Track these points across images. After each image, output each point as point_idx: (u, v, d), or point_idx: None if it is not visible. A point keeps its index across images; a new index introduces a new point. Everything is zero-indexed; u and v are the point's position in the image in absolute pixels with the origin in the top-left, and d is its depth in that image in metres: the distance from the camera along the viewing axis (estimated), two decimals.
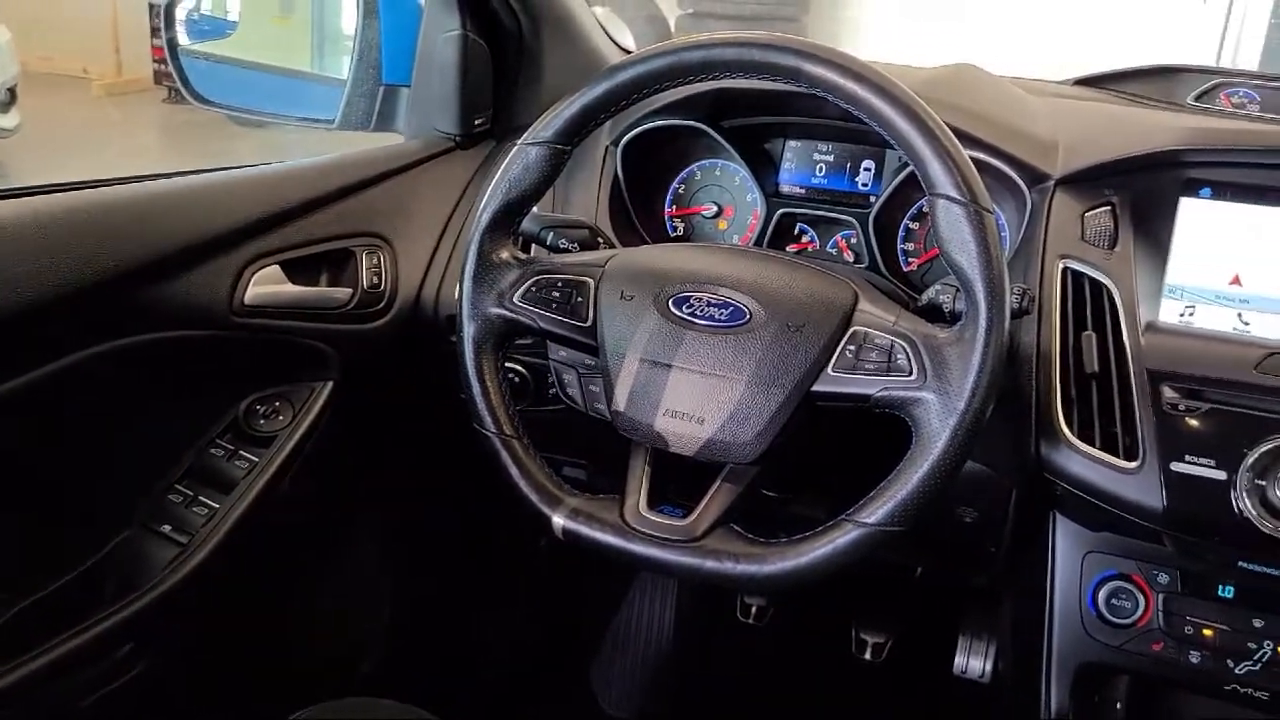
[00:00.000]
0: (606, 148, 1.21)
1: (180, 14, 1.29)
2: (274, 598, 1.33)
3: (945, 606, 1.45)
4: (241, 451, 1.14)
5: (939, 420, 0.82)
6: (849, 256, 1.20)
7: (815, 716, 1.64)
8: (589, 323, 0.94)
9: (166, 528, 1.10)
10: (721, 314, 0.90)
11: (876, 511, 0.83)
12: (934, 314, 0.91)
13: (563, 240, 1.04)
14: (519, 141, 0.94)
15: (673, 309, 0.91)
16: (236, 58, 1.39)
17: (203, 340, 1.06)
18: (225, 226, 1.06)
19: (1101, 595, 0.98)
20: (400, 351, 1.21)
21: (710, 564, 0.87)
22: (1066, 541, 1.01)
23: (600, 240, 1.07)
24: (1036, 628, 1.02)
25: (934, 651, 1.45)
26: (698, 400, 0.89)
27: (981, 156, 1.04)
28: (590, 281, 0.95)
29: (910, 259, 1.16)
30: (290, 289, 1.11)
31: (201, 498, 1.12)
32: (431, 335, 1.19)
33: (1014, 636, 1.09)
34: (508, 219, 0.96)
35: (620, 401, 0.91)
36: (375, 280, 1.17)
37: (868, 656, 1.53)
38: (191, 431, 1.14)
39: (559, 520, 0.91)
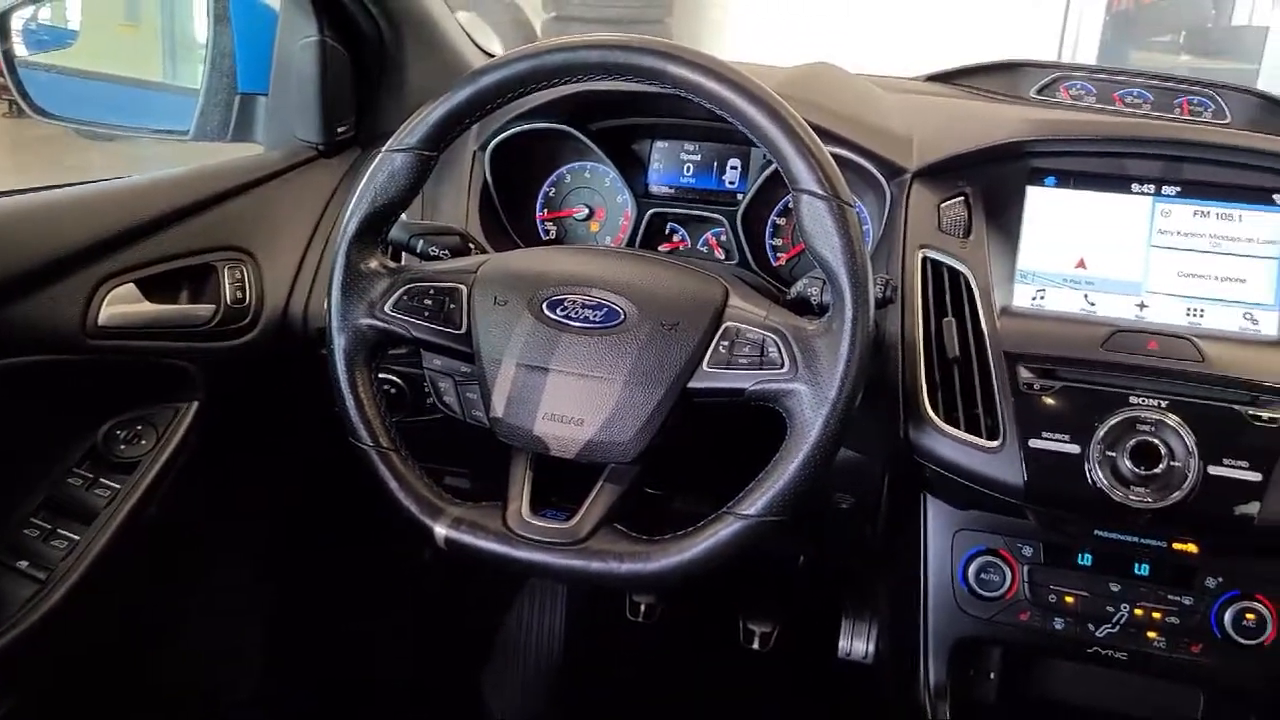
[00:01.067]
0: (474, 153, 1.20)
1: (16, 24, 1.22)
2: (142, 631, 1.27)
3: (829, 592, 1.49)
4: (102, 479, 1.09)
5: (811, 410, 0.84)
6: (720, 254, 1.21)
7: (707, 709, 1.66)
8: (463, 330, 0.93)
9: (23, 564, 1.04)
10: (596, 315, 0.91)
11: (756, 503, 0.85)
12: (803, 307, 0.94)
13: (433, 247, 1.03)
14: (383, 149, 0.93)
15: (547, 312, 0.91)
16: (81, 68, 1.33)
17: (54, 365, 1.01)
18: (74, 245, 1.01)
19: (971, 571, 1.02)
20: (269, 368, 1.18)
21: (595, 565, 0.88)
22: (937, 521, 1.04)
23: (472, 246, 1.06)
24: (913, 606, 1.06)
25: (820, 637, 1.48)
26: (576, 402, 0.89)
27: (841, 152, 1.07)
28: (463, 288, 0.94)
29: (779, 254, 1.19)
30: (148, 308, 1.07)
31: (60, 530, 1.06)
32: (301, 349, 1.16)
33: (892, 616, 1.12)
34: (375, 228, 0.94)
35: (498, 408, 0.90)
36: (239, 295, 1.13)
37: (755, 646, 1.55)
38: (47, 461, 1.08)
39: (441, 530, 0.90)
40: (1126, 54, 5.54)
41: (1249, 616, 0.96)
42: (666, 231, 1.23)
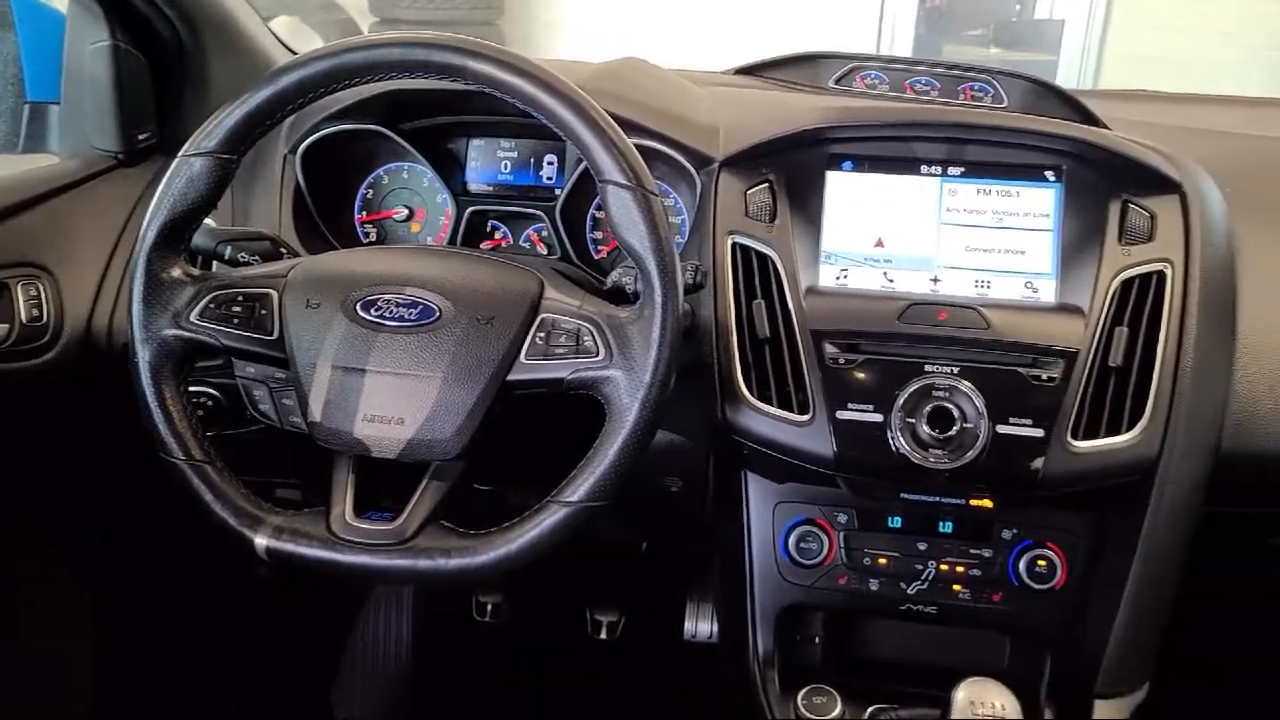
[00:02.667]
0: (285, 156, 1.18)
1: None
2: None
3: (673, 576, 1.52)
4: None
5: (628, 395, 0.87)
6: (542, 249, 1.23)
7: (558, 702, 1.67)
8: (275, 335, 0.91)
9: None
10: (411, 313, 0.91)
11: (579, 489, 0.87)
12: (619, 296, 0.96)
13: (242, 254, 1.01)
14: (180, 154, 0.90)
15: (361, 313, 0.91)
16: None
17: None
18: None
19: (792, 541, 1.07)
20: (74, 387, 1.13)
21: (423, 563, 0.88)
22: (758, 496, 1.08)
23: (283, 251, 1.04)
24: (741, 580, 1.10)
25: (666, 621, 1.52)
26: (395, 402, 0.89)
27: (650, 144, 1.10)
28: (273, 293, 0.93)
29: (599, 247, 1.21)
30: None
31: None
32: (107, 366, 1.12)
33: (724, 592, 1.16)
34: (176, 235, 0.92)
35: (316, 412, 0.90)
36: (36, 313, 1.08)
37: (603, 636, 1.58)
38: None
39: (261, 541, 0.88)
40: (940, 47, 5.80)
41: (1041, 563, 1.03)
42: (488, 229, 1.24)
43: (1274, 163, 1.21)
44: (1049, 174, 1.06)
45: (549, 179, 1.22)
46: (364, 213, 1.25)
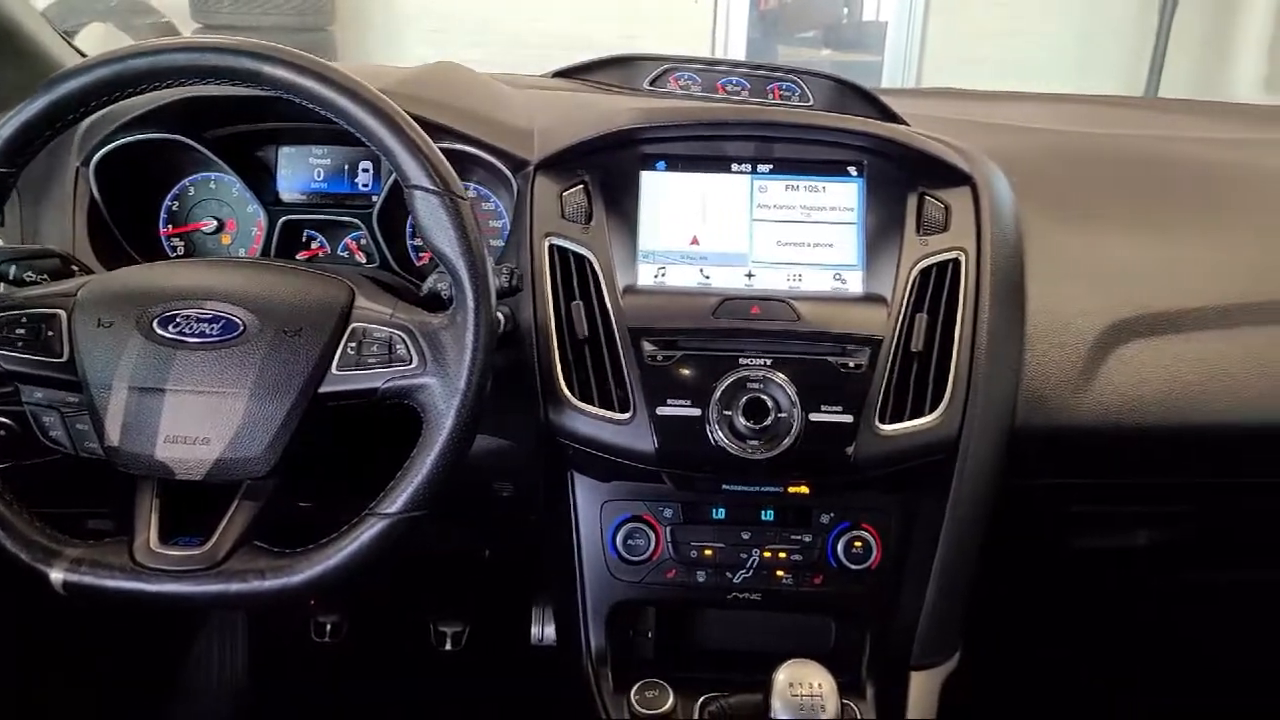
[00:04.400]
0: (77, 168, 1.12)
1: None
2: None
3: (517, 581, 1.51)
4: None
5: (443, 403, 0.86)
6: (361, 258, 1.20)
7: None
8: (65, 357, 0.87)
9: None
10: (213, 329, 0.88)
11: (396, 500, 0.86)
12: (435, 303, 0.95)
13: (29, 272, 0.96)
14: None
15: (158, 330, 0.87)
16: None
17: None
18: None
19: (620, 538, 1.08)
20: None
21: (237, 586, 0.85)
22: (585, 496, 1.09)
23: (76, 268, 0.99)
24: (572, 581, 1.10)
25: (512, 627, 1.50)
26: (200, 421, 0.86)
27: (464, 148, 1.09)
28: (61, 313, 0.88)
29: (420, 253, 1.19)
30: None
31: None
32: None
33: (556, 594, 1.16)
34: None
35: (113, 436, 0.86)
36: None
37: (448, 647, 1.56)
38: None
39: (57, 575, 0.84)
40: (775, 50, 5.95)
41: (857, 545, 1.07)
42: (304, 239, 1.20)
43: (1059, 154, 1.28)
44: (852, 169, 1.10)
45: (365, 185, 1.20)
46: (170, 226, 1.20)
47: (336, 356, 0.88)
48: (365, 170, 1.20)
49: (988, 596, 1.12)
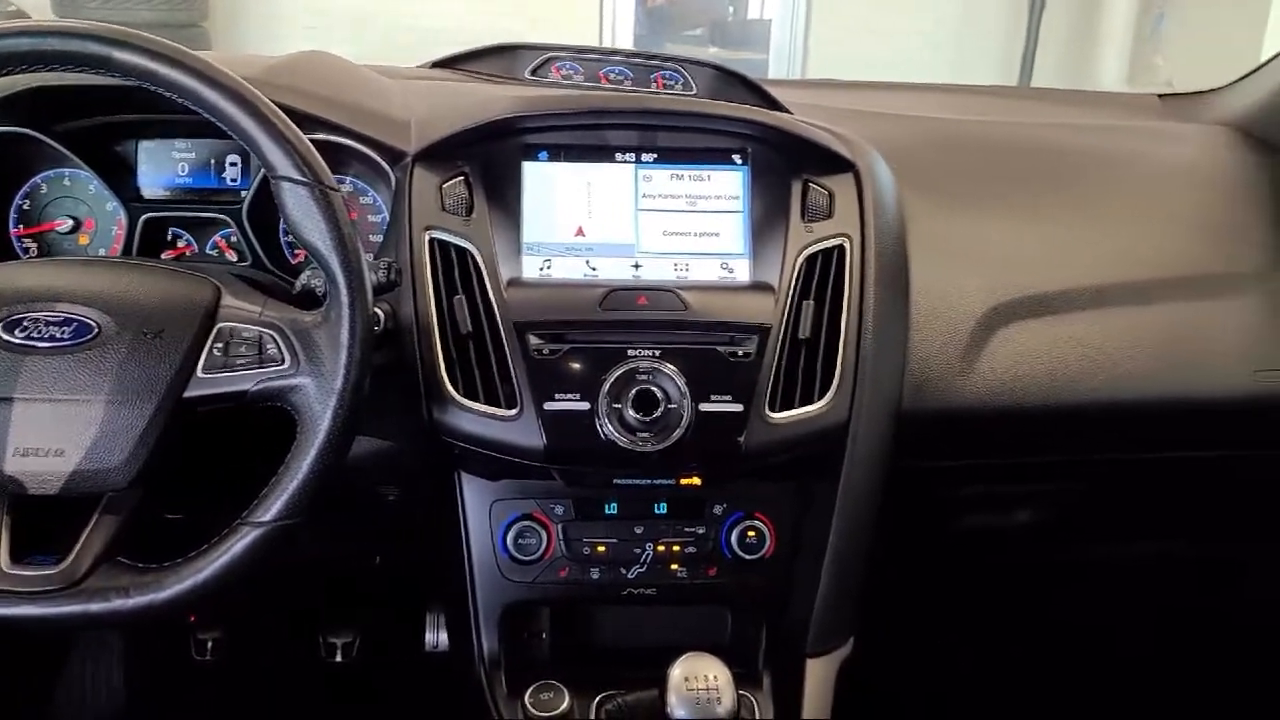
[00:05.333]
0: None
1: None
2: None
3: (411, 587, 1.47)
4: None
5: (319, 404, 0.83)
6: (232, 256, 1.15)
7: None
8: None
9: None
10: (64, 332, 0.83)
11: (271, 508, 0.82)
12: (310, 300, 0.91)
13: None
14: None
15: (4, 335, 0.82)
16: None
17: None
18: None
19: (510, 538, 1.05)
20: None
21: (98, 605, 0.80)
22: (473, 496, 1.06)
23: None
24: (462, 584, 1.07)
25: (407, 634, 1.46)
26: (53, 432, 0.81)
27: (338, 139, 1.05)
28: None
29: (295, 250, 1.14)
30: None
31: None
32: None
33: (448, 597, 1.13)
34: None
35: None
36: None
37: (339, 658, 1.51)
38: None
39: None
40: (662, 47, 5.98)
41: (751, 534, 1.06)
42: (169, 238, 1.14)
43: (937, 141, 1.30)
44: (736, 157, 1.09)
45: (233, 180, 1.15)
46: (20, 226, 1.13)
47: (202, 358, 0.84)
48: (233, 164, 1.15)
49: (880, 581, 1.12)
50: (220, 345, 0.84)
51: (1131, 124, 1.48)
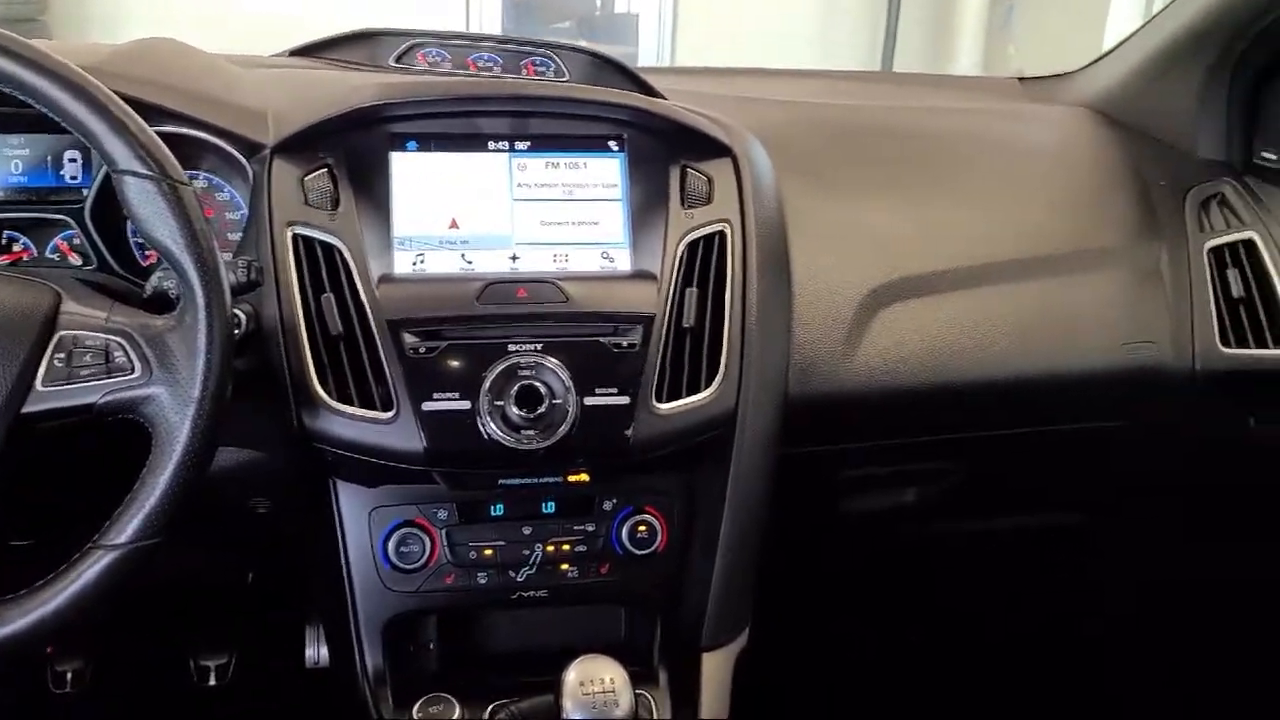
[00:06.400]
0: None
1: None
2: None
3: (290, 602, 1.41)
4: None
5: (175, 414, 0.78)
6: (76, 259, 1.07)
7: None
8: None
9: None
10: None
11: (126, 529, 0.76)
12: (163, 303, 0.85)
13: None
14: None
15: None
16: None
17: None
18: None
19: (391, 546, 1.00)
20: None
21: None
22: (350, 504, 1.01)
23: None
24: (342, 597, 1.02)
25: (284, 651, 1.40)
26: None
27: (187, 131, 0.99)
28: None
29: (146, 252, 1.07)
30: None
31: None
32: None
33: (327, 611, 1.08)
34: None
35: None
36: None
37: (212, 682, 1.43)
38: None
39: None
40: None
41: (642, 529, 1.04)
42: (4, 242, 1.06)
43: (813, 125, 1.31)
44: (612, 144, 1.07)
45: (73, 178, 1.06)
46: None
47: (41, 370, 0.77)
48: (72, 160, 1.07)
49: (773, 570, 1.12)
50: (62, 355, 0.78)
51: (996, 106, 1.51)
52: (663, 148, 1.07)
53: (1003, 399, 1.20)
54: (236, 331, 0.88)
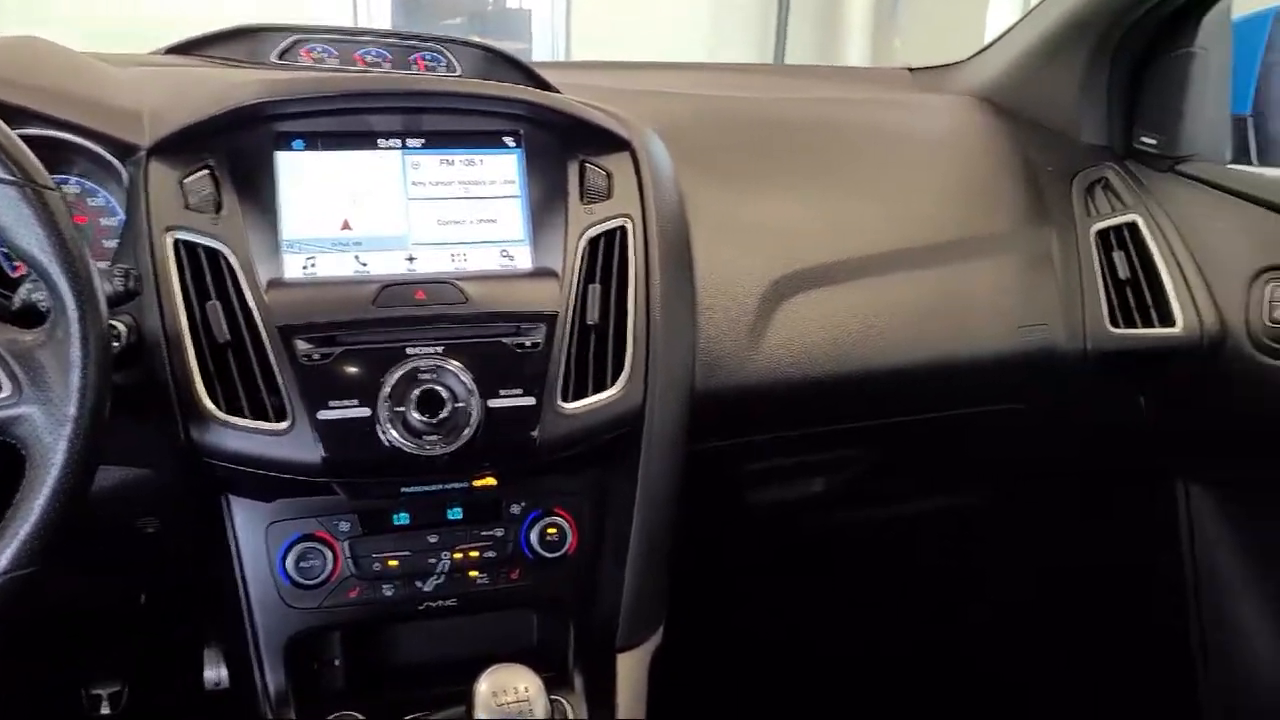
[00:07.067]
0: None
1: None
2: None
3: (183, 623, 1.35)
4: None
5: (49, 435, 0.73)
6: None
7: None
8: None
9: None
10: None
11: (0, 557, 0.71)
12: (32, 317, 0.80)
13: None
14: None
15: None
16: None
17: None
18: None
19: (290, 562, 0.97)
20: None
21: None
22: (245, 519, 0.97)
23: None
24: (239, 617, 0.98)
25: (182, 674, 1.34)
26: None
27: (54, 133, 0.93)
28: None
29: (14, 262, 1.01)
30: None
31: None
32: None
33: (225, 632, 1.04)
34: None
35: None
36: None
37: (105, 711, 1.37)
38: None
39: None
40: None
41: (552, 532, 1.02)
42: None
43: (710, 118, 1.30)
44: (508, 140, 1.05)
45: None
46: None
47: None
48: None
49: (685, 566, 1.11)
50: None
51: (888, 97, 1.53)
52: (560, 143, 1.05)
53: (904, 386, 1.21)
54: (116, 344, 0.84)
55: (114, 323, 0.83)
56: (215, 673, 1.27)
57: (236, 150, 0.97)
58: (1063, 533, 1.65)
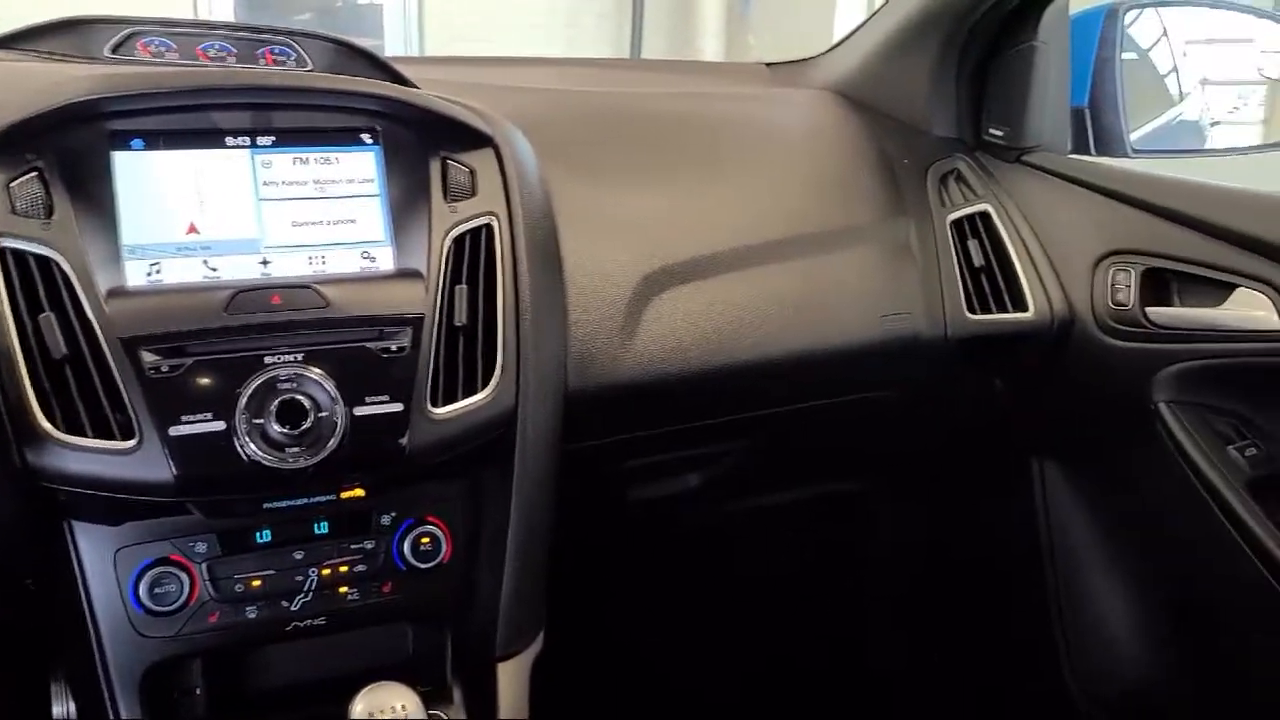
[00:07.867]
0: None
1: None
2: None
3: (27, 655, 1.26)
4: None
5: None
6: None
7: None
8: None
9: None
10: None
11: None
12: None
13: None
14: None
15: None
16: None
17: None
18: None
19: (143, 589, 0.90)
20: None
21: None
22: (91, 546, 0.90)
23: None
24: (88, 650, 0.91)
25: (29, 710, 1.25)
26: None
27: None
28: None
29: None
30: None
31: None
32: None
33: (72, 666, 0.96)
34: None
35: None
36: None
37: None
38: None
39: None
40: None
41: (425, 541, 0.99)
42: None
43: (573, 113, 1.29)
44: (365, 137, 1.00)
45: None
46: None
47: None
48: None
49: (564, 569, 1.09)
50: None
51: (746, 91, 1.54)
52: (420, 139, 1.01)
53: (775, 377, 1.22)
54: None
55: None
56: (64, 708, 1.19)
57: (68, 150, 0.90)
58: (934, 514, 1.70)
